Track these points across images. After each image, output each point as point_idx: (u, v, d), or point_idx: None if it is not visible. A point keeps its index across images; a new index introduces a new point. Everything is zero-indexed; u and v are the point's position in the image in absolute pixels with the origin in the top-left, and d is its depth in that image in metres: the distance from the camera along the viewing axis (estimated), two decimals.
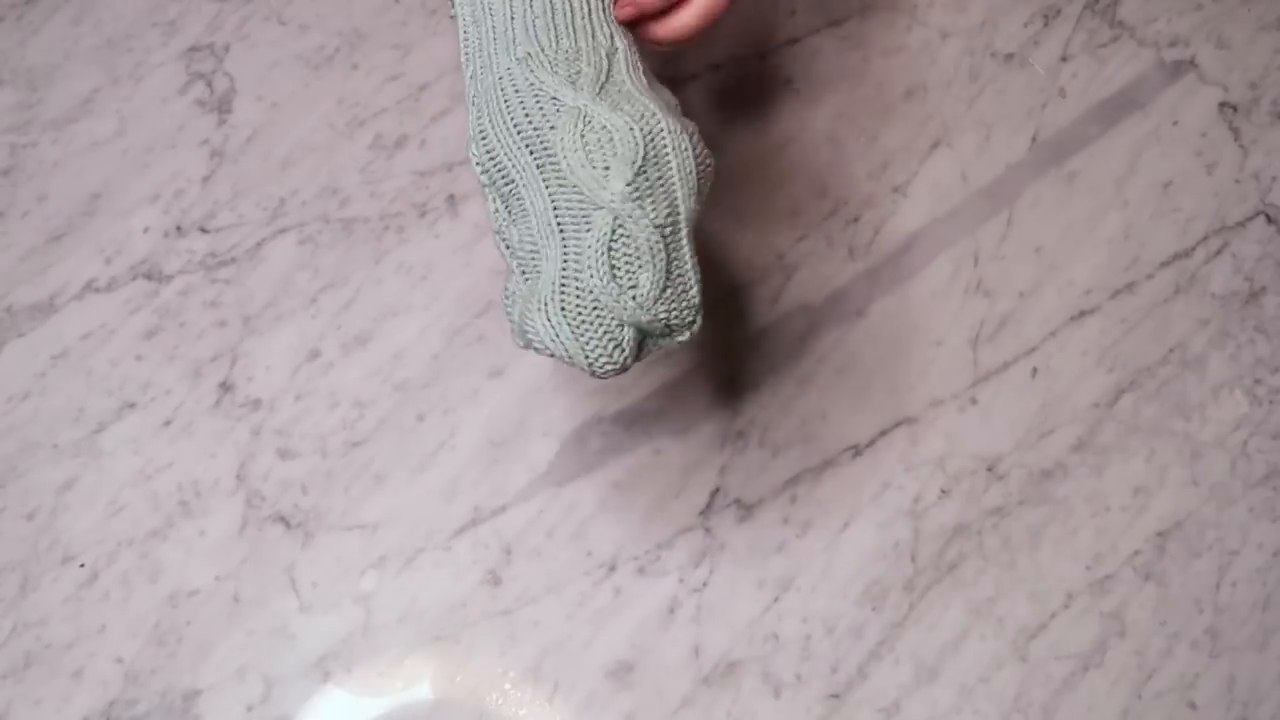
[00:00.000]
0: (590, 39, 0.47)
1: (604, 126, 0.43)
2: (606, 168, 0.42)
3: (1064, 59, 0.75)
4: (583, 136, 0.43)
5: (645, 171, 0.43)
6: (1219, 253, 0.71)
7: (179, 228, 0.67)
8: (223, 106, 0.69)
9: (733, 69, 0.72)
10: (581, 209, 0.43)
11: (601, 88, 0.45)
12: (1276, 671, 0.64)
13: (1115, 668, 0.63)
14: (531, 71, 0.45)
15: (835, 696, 0.61)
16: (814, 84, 0.72)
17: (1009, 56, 0.74)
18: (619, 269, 0.42)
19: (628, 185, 0.42)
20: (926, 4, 0.76)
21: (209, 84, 0.70)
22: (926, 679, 0.62)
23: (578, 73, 0.45)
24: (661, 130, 0.44)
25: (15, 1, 0.71)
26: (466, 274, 0.67)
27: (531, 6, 0.47)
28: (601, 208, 0.42)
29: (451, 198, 0.68)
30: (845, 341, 0.67)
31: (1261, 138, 0.74)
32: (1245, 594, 0.65)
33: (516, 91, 0.45)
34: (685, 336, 0.44)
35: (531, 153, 0.44)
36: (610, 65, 0.47)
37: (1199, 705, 0.63)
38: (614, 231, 0.42)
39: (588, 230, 0.42)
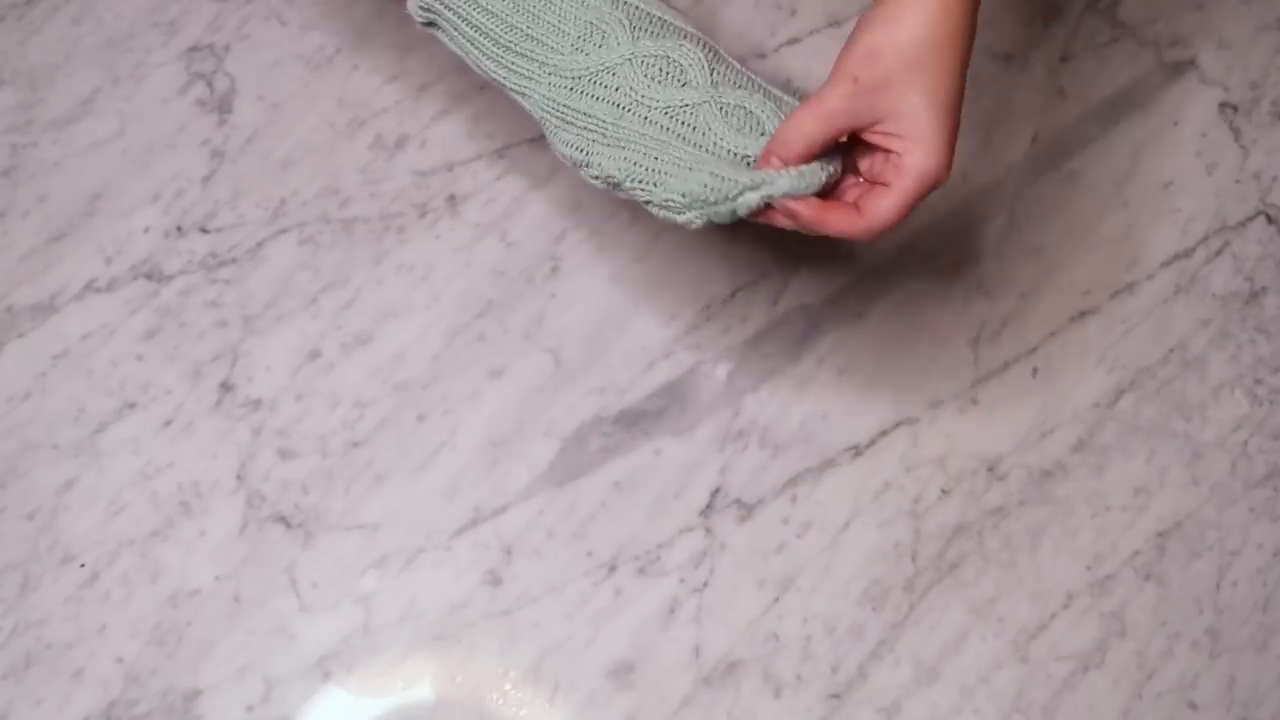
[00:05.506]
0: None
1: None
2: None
3: (1064, 59, 0.74)
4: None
5: None
6: (1219, 253, 0.71)
7: (179, 228, 0.67)
8: (223, 106, 0.69)
9: None
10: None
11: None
12: (1276, 672, 0.64)
13: (1115, 668, 0.63)
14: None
15: (835, 697, 0.61)
16: (814, 84, 0.72)
17: (1009, 57, 0.74)
18: None
19: None
20: None
21: (209, 84, 0.70)
22: (927, 679, 0.62)
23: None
24: None
25: (15, 1, 0.71)
26: (466, 274, 0.67)
27: None
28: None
29: (451, 198, 0.68)
30: (845, 341, 0.67)
31: (1261, 138, 0.74)
32: (1245, 594, 0.65)
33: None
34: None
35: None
36: None
37: (1199, 705, 0.63)
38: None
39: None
